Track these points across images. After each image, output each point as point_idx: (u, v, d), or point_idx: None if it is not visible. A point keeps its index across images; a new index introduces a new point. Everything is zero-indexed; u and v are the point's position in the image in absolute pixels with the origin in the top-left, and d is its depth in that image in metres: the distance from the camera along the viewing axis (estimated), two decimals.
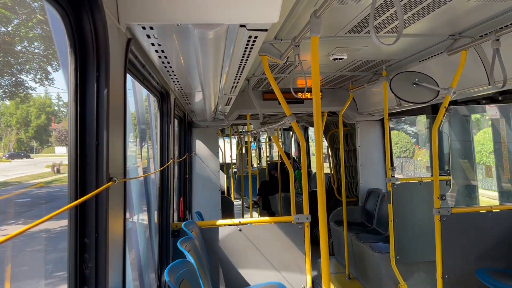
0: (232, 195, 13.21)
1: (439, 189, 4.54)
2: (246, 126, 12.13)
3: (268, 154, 15.22)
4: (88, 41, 1.65)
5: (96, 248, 1.69)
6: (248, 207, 11.44)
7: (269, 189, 13.42)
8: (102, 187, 1.65)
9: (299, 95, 7.34)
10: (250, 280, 4.63)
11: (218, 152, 8.03)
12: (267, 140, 16.57)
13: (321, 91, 7.51)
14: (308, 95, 7.41)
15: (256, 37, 2.31)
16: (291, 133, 16.28)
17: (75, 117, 1.67)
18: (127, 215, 2.15)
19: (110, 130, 1.75)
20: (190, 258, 3.24)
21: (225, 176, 14.72)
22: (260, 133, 14.07)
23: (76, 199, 1.65)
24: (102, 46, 1.68)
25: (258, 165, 17.55)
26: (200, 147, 7.84)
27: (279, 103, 7.74)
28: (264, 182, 13.85)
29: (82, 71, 1.67)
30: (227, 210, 8.89)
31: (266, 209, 13.61)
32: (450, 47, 4.27)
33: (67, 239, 1.67)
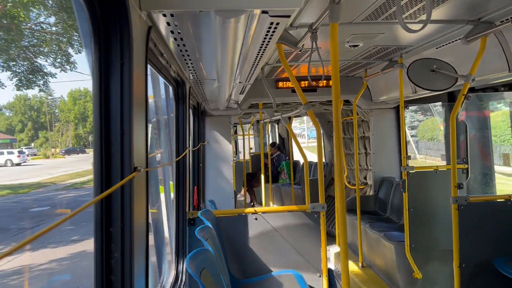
0: None
1: (456, 177, 4.48)
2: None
3: (250, 147, 14.96)
4: (112, 29, 1.63)
5: (122, 238, 1.69)
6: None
7: (254, 181, 13.21)
8: (128, 177, 1.65)
9: (314, 83, 7.29)
10: (265, 269, 4.64)
11: (230, 141, 8.01)
12: (249, 132, 16.18)
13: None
14: (324, 83, 7.34)
15: (278, 24, 2.27)
16: (275, 125, 16.19)
17: (99, 106, 1.65)
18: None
19: (134, 119, 1.74)
20: (208, 247, 3.25)
21: None
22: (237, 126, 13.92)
23: (102, 189, 1.65)
24: (125, 34, 1.66)
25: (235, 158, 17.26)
26: (212, 135, 7.84)
27: (292, 92, 7.76)
28: (248, 174, 13.53)
29: (106, 59, 1.65)
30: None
31: (252, 201, 13.51)
32: (470, 33, 4.18)
33: (93, 229, 1.67)
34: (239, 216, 4.73)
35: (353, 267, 7.34)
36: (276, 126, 16.52)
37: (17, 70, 22.82)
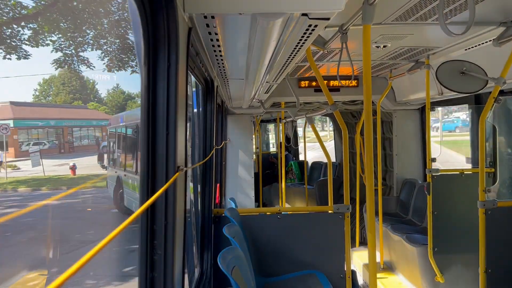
0: None
1: (484, 181, 4.43)
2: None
3: (257, 146, 14.98)
4: (160, 32, 1.67)
5: (165, 235, 1.73)
6: None
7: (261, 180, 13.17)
8: (173, 178, 1.69)
9: (342, 82, 7.26)
10: (288, 268, 4.66)
11: (252, 140, 8.05)
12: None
13: (358, 79, 7.40)
14: (354, 82, 7.31)
15: (316, 26, 2.28)
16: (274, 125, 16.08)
17: (147, 108, 1.70)
18: None
19: (178, 119, 1.78)
20: (236, 244, 3.28)
21: None
22: None
23: (148, 187, 1.69)
24: (173, 37, 1.69)
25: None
26: (234, 134, 7.88)
27: (315, 91, 7.75)
28: (255, 174, 13.44)
29: (154, 62, 1.69)
30: None
31: (257, 201, 13.45)
32: (502, 35, 4.12)
33: (139, 227, 1.71)
34: (263, 215, 4.76)
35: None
36: (281, 126, 16.48)
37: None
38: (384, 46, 4.92)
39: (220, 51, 2.94)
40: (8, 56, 19.19)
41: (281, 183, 10.73)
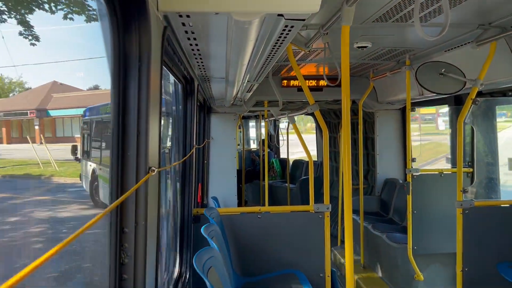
0: None
1: (462, 181, 4.49)
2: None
3: (238, 143, 14.97)
4: (131, 30, 1.64)
5: (136, 237, 1.70)
6: None
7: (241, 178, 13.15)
8: (144, 178, 1.66)
9: (324, 82, 7.27)
10: (269, 268, 4.65)
11: (235, 138, 8.01)
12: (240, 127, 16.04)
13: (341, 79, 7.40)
14: (336, 82, 7.32)
15: (292, 27, 2.27)
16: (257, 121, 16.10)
17: (117, 107, 1.66)
18: None
19: (150, 119, 1.75)
20: (214, 245, 3.26)
21: None
22: None
23: (118, 189, 1.66)
24: (144, 35, 1.66)
25: None
26: (217, 132, 7.84)
27: (298, 91, 7.76)
28: (237, 171, 13.36)
29: (125, 60, 1.66)
30: None
31: (239, 198, 13.44)
32: (479, 38, 4.17)
33: (107, 229, 1.68)
34: (243, 215, 4.75)
35: (353, 267, 7.34)
36: (263, 123, 16.44)
37: None
38: (365, 47, 4.94)
39: (198, 50, 2.92)
40: None
41: (262, 182, 10.79)
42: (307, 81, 7.30)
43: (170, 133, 4.67)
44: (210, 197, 7.46)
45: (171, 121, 4.85)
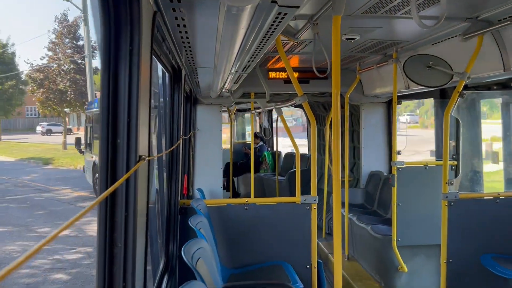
0: None
1: (447, 174, 4.53)
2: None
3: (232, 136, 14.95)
4: (122, 14, 1.59)
5: (126, 227, 1.66)
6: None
7: (234, 170, 13.17)
8: (135, 167, 1.62)
9: (312, 74, 7.25)
10: (256, 259, 4.65)
11: (221, 130, 7.96)
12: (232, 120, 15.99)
13: (330, 72, 7.40)
14: (323, 75, 7.30)
15: (285, 14, 2.24)
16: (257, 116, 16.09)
17: (107, 93, 1.61)
18: None
19: (140, 107, 1.70)
20: (201, 236, 3.23)
21: None
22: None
23: (107, 178, 1.62)
24: (135, 20, 1.61)
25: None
26: (203, 124, 7.78)
27: (285, 82, 7.73)
28: (228, 163, 13.48)
29: (116, 44, 1.61)
30: None
31: (231, 191, 13.49)
32: (467, 31, 4.20)
33: (97, 219, 1.64)
34: (230, 206, 4.72)
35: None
36: (258, 116, 16.44)
37: None
38: (353, 39, 4.94)
39: (187, 37, 2.86)
40: None
41: (253, 173, 10.76)
42: (294, 72, 7.26)
43: (162, 123, 4.60)
44: (196, 189, 7.42)
45: (159, 111, 4.78)
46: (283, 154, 13.66)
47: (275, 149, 13.78)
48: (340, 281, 3.03)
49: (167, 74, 4.00)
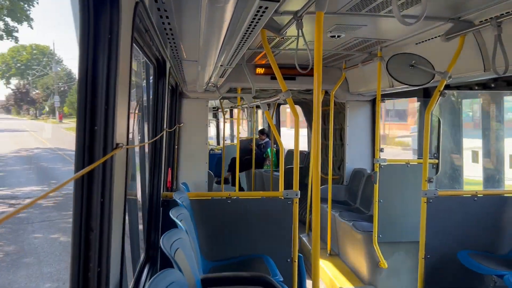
0: None
1: (427, 172, 4.61)
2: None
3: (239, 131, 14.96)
4: (101, 3, 1.60)
5: (101, 214, 1.68)
6: (218, 183, 11.48)
7: (239, 165, 13.24)
8: (110, 153, 1.63)
9: (298, 71, 7.30)
10: (237, 252, 4.68)
11: (206, 124, 7.97)
12: (239, 116, 16.05)
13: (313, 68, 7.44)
14: (309, 71, 7.35)
15: (266, 8, 2.27)
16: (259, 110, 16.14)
17: (85, 80, 1.62)
18: None
19: (118, 95, 1.72)
20: (182, 227, 3.25)
21: None
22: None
23: (84, 164, 1.63)
24: (115, 8, 1.62)
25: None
26: (189, 118, 7.77)
27: (271, 78, 7.76)
28: (234, 158, 13.62)
29: (95, 32, 1.62)
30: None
31: (234, 185, 13.56)
32: (449, 31, 4.27)
33: (72, 204, 1.65)
34: (213, 199, 4.74)
35: (320, 254, 7.47)
36: (245, 112, 16.41)
37: None
38: (338, 36, 4.98)
39: (171, 29, 2.87)
40: None
41: (255, 170, 10.87)
42: (281, 69, 7.30)
43: (145, 115, 4.60)
44: (181, 183, 7.42)
45: (144, 104, 4.78)
46: (286, 150, 13.71)
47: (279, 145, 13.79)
48: (318, 273, 3.08)
49: (151, 66, 4.00)
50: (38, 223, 12.24)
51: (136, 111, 4.88)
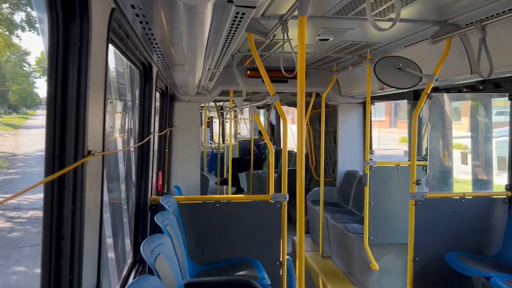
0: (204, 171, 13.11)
1: (415, 174, 4.62)
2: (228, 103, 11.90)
3: (239, 132, 14.94)
4: (71, 10, 1.59)
5: (73, 221, 1.67)
6: (222, 183, 11.48)
7: (239, 166, 13.30)
8: (80, 161, 1.63)
9: (288, 74, 7.31)
10: (226, 256, 4.68)
11: (199, 127, 7.97)
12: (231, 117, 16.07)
13: (306, 72, 7.45)
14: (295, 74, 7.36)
15: (243, 14, 2.27)
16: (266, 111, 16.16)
17: (54, 86, 1.62)
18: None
19: (91, 102, 1.71)
20: (166, 233, 3.25)
21: None
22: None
23: (53, 172, 1.62)
24: (85, 15, 1.62)
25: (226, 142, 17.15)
26: (181, 121, 7.77)
27: (263, 81, 7.75)
28: (234, 159, 13.70)
29: (65, 39, 1.61)
30: (202, 187, 8.89)
31: (235, 186, 13.60)
32: (436, 34, 4.28)
33: (43, 212, 1.64)
34: (202, 203, 4.74)
35: (313, 256, 7.48)
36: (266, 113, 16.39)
37: None
38: (326, 40, 4.99)
39: (152, 34, 2.87)
40: None
41: (253, 171, 10.87)
42: (273, 72, 7.31)
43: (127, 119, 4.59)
44: (173, 186, 7.42)
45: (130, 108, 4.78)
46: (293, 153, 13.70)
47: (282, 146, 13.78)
48: (303, 275, 3.08)
49: (137, 70, 4.00)
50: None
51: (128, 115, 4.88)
